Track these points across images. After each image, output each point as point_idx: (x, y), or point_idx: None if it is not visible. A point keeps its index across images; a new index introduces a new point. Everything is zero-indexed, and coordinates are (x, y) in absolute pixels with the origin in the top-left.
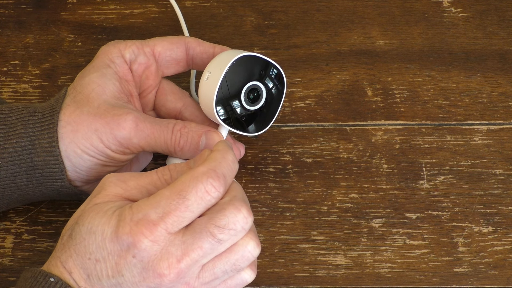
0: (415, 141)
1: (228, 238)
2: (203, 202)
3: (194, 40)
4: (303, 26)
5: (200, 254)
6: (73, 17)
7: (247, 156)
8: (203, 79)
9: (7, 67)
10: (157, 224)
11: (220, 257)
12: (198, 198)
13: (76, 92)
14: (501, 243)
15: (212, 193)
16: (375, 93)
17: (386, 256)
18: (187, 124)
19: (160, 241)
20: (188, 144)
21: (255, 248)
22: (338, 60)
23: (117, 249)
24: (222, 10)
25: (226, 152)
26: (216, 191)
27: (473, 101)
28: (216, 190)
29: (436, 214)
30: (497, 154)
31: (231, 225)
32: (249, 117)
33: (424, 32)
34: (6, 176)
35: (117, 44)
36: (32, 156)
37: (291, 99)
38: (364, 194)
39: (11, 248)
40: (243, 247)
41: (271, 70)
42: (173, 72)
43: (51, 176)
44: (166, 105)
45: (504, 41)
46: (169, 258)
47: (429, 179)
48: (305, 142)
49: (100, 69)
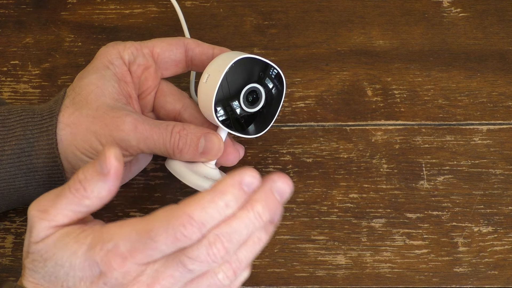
0: (415, 141)
1: (200, 269)
2: (174, 246)
3: (193, 41)
4: (303, 26)
5: (171, 281)
6: (73, 17)
7: (247, 156)
8: (202, 81)
9: (7, 67)
10: (126, 258)
11: (192, 282)
12: (168, 242)
13: (75, 94)
14: (501, 243)
15: (182, 240)
16: (375, 93)
17: (386, 256)
18: (186, 126)
19: (131, 272)
20: (187, 146)
21: (224, 278)
22: (338, 60)
23: (89, 276)
24: (222, 10)
25: (221, 194)
26: (188, 239)
27: (473, 101)
28: (187, 239)
29: (436, 214)
30: (497, 154)
31: (202, 258)
32: (249, 119)
33: (424, 32)
34: (6, 178)
35: (116, 45)
36: (31, 158)
37: (291, 99)
38: (364, 194)
39: (11, 248)
40: (214, 275)
41: (270, 72)
42: (172, 74)
43: (50, 178)
44: (165, 106)
45: (504, 41)
46: (140, 286)
47: (429, 179)
48: (305, 142)
49: (99, 70)
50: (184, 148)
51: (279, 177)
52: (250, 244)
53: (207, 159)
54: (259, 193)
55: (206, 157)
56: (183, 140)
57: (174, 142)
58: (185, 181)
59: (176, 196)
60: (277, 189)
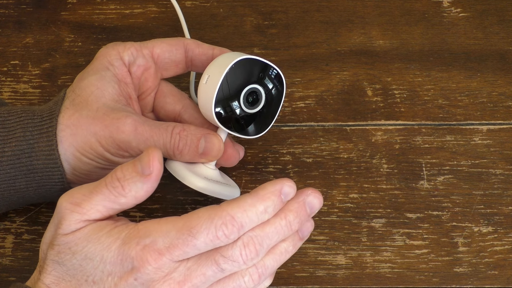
0: (415, 141)
1: (231, 268)
2: (212, 244)
3: (193, 41)
4: (303, 26)
5: (202, 280)
6: (73, 17)
7: (247, 156)
8: (202, 82)
9: (7, 67)
10: (163, 254)
11: (218, 283)
12: (208, 240)
13: (75, 95)
14: (501, 243)
15: (222, 239)
16: (375, 93)
17: (386, 256)
18: (186, 127)
19: (164, 268)
20: (187, 147)
21: (249, 281)
22: (338, 60)
23: (119, 270)
24: (222, 10)
25: (262, 200)
26: (227, 238)
27: (473, 101)
28: (226, 238)
29: (436, 214)
30: (497, 154)
31: (235, 257)
32: (249, 119)
33: (424, 32)
34: (6, 179)
35: (115, 46)
36: (31, 159)
37: (291, 99)
38: (364, 194)
39: (11, 248)
40: (240, 277)
41: (270, 73)
42: (172, 74)
43: (50, 179)
44: (165, 107)
45: (504, 41)
46: (171, 283)
47: (429, 179)
48: (305, 142)
49: (99, 71)
50: (184, 149)
51: (313, 192)
52: (277, 253)
53: (207, 160)
54: (293, 203)
55: (206, 158)
56: (183, 141)
57: (174, 143)
58: (185, 181)
59: (176, 196)
60: (309, 202)
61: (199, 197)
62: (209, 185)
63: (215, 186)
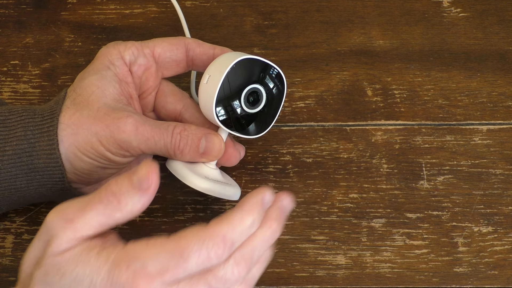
0: (415, 141)
1: (222, 287)
2: (203, 265)
3: (194, 41)
4: (303, 26)
5: None
6: (73, 17)
7: (247, 156)
8: (203, 81)
9: (7, 67)
10: (154, 278)
11: None
12: (200, 262)
13: (76, 95)
14: (501, 243)
15: (214, 260)
16: (375, 93)
17: (386, 256)
18: (187, 126)
19: None
20: (188, 147)
21: None
22: (338, 60)
23: None
24: (222, 10)
25: (248, 214)
26: (219, 259)
27: (473, 101)
28: (219, 258)
29: (436, 214)
30: (497, 154)
31: (228, 276)
32: (249, 119)
33: (424, 32)
34: (6, 178)
35: (116, 46)
36: (32, 158)
37: (291, 99)
38: (364, 194)
39: (11, 248)
40: None
41: (271, 72)
42: (173, 74)
43: (51, 179)
44: (166, 106)
45: (504, 41)
46: None
47: (429, 179)
48: (305, 142)
49: (100, 71)
50: (185, 149)
51: (286, 196)
52: (261, 261)
53: (208, 160)
54: (273, 211)
55: (207, 157)
56: (184, 141)
57: (175, 143)
58: (186, 181)
59: (176, 196)
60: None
61: (199, 197)
62: (210, 185)
63: (216, 186)
